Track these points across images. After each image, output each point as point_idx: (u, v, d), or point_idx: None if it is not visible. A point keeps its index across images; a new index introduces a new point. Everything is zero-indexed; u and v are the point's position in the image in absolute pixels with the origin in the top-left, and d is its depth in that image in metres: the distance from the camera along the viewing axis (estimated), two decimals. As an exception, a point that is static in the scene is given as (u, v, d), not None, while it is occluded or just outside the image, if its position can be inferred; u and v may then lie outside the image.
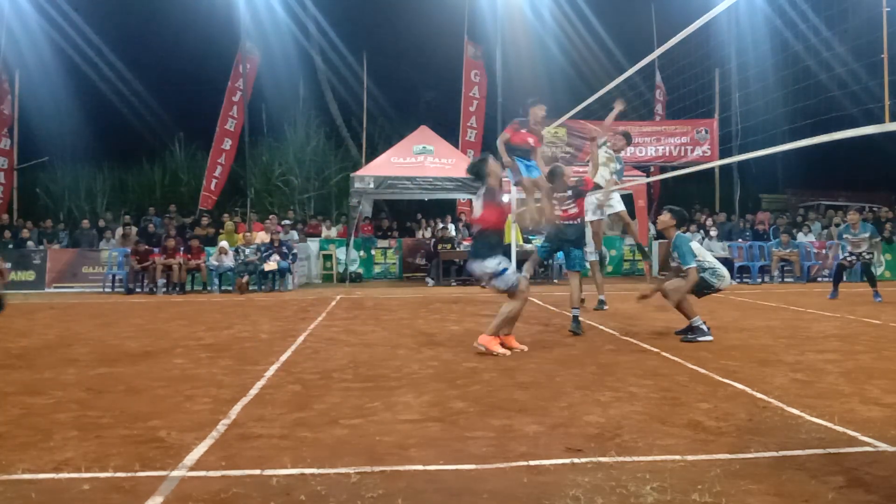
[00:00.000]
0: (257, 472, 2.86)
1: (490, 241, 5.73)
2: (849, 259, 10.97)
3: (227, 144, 19.67)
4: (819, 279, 15.10)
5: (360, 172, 15.34)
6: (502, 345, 5.73)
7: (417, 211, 19.58)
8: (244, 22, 18.54)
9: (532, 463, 2.93)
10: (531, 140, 7.22)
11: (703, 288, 6.52)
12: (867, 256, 10.78)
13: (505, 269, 5.63)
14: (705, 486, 2.64)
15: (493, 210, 5.73)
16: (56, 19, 20.97)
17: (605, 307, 8.95)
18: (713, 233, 14.93)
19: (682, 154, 15.01)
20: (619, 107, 8.83)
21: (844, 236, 11.05)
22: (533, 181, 7.17)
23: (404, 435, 3.37)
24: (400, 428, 3.49)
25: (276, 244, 13.82)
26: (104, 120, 22.98)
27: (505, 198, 7.57)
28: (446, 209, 19.75)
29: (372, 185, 14.37)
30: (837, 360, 5.26)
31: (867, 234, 10.69)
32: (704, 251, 6.82)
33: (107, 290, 13.85)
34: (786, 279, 14.90)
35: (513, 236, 13.41)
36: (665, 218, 6.57)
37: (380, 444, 3.23)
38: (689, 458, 2.98)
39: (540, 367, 5.08)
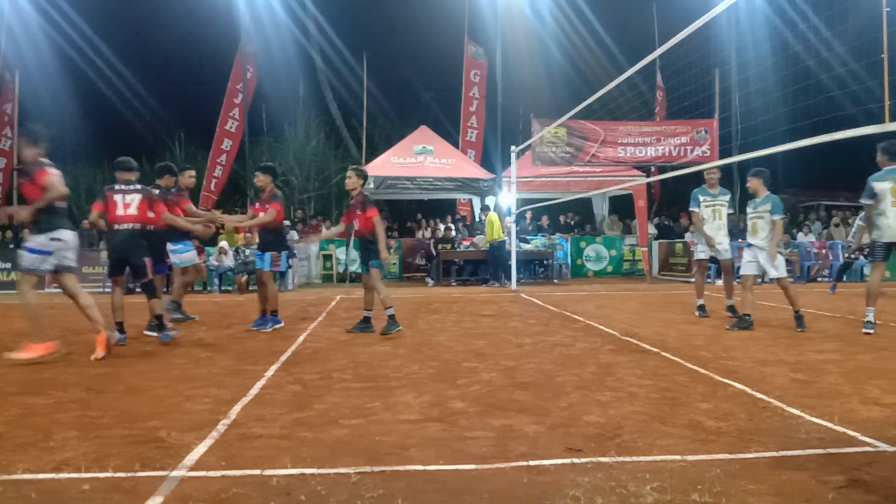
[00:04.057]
0: (257, 472, 2.85)
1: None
2: (853, 256, 11.97)
3: (227, 144, 19.69)
4: (819, 279, 15.11)
5: (359, 172, 15.30)
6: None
7: (417, 211, 19.60)
8: (244, 22, 18.55)
9: (532, 463, 2.93)
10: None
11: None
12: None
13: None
14: (705, 486, 2.64)
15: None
16: (56, 19, 21.00)
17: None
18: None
19: (682, 154, 15.01)
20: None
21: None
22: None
23: (404, 435, 3.36)
24: (400, 428, 3.49)
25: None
26: (104, 120, 23.03)
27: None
28: (446, 209, 19.76)
29: (372, 185, 14.37)
30: (837, 360, 5.26)
31: None
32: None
33: (107, 290, 13.84)
34: (786, 279, 14.88)
35: (513, 235, 13.43)
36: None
37: (380, 444, 3.23)
38: (689, 458, 2.98)
39: (540, 367, 5.08)
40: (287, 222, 17.23)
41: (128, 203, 6.55)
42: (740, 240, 15.95)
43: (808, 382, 4.47)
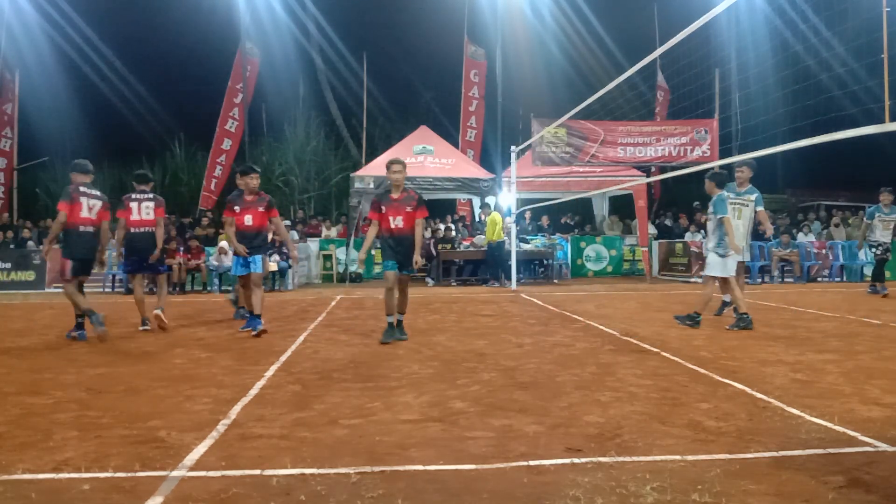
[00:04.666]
0: (257, 472, 2.86)
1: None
2: (878, 251, 11.04)
3: (227, 144, 19.70)
4: (819, 279, 15.11)
5: (360, 172, 15.32)
6: None
7: (417, 211, 19.58)
8: (244, 22, 18.55)
9: (532, 463, 2.93)
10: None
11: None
12: (884, 253, 11.01)
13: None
14: (705, 486, 2.64)
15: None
16: (56, 19, 21.01)
17: None
18: (713, 233, 14.90)
19: (682, 154, 15.00)
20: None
21: (877, 215, 11.03)
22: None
23: (404, 435, 3.37)
24: (400, 428, 3.49)
25: (276, 244, 13.81)
26: (104, 120, 23.02)
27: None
28: (446, 209, 19.74)
29: (372, 185, 14.36)
30: (837, 360, 5.26)
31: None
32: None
33: (107, 290, 13.85)
34: (786, 279, 14.90)
35: (513, 235, 13.43)
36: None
37: (380, 444, 3.23)
38: (689, 458, 2.98)
39: (540, 367, 5.08)
40: (287, 222, 17.24)
41: (91, 206, 6.64)
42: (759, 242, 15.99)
43: (808, 382, 4.47)
